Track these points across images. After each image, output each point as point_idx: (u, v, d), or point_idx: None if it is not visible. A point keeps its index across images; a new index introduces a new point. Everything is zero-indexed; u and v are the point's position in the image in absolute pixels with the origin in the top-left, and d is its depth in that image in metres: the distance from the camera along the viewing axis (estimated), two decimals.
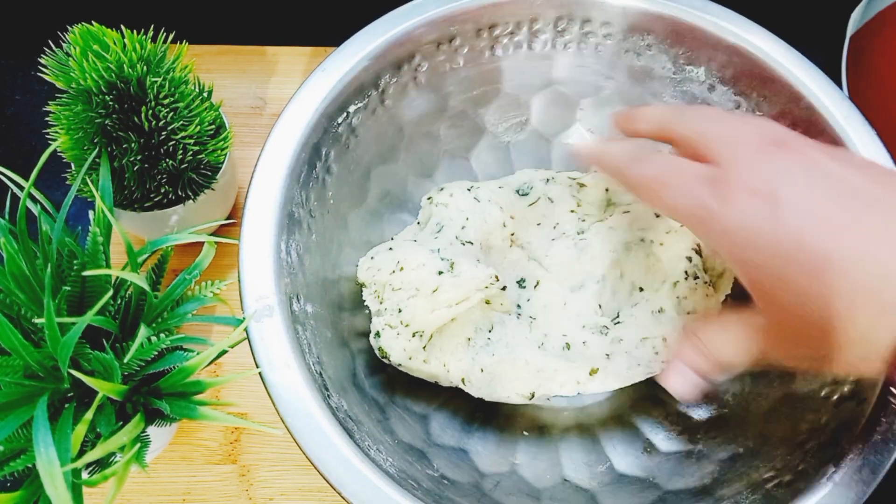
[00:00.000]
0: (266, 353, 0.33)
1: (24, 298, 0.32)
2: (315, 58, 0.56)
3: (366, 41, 0.40)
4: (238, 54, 0.56)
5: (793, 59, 0.41)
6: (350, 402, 0.36)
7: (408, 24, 0.41)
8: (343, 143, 0.41)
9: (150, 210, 0.41)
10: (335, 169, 0.41)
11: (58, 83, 0.37)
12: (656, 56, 0.44)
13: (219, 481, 0.43)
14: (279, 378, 0.33)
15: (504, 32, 0.43)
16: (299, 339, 0.34)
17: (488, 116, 0.47)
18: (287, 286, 0.35)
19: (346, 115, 0.40)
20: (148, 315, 0.34)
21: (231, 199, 0.48)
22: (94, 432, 0.31)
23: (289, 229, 0.37)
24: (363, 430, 0.34)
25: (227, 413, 0.31)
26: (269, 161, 0.37)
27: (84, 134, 0.38)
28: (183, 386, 0.32)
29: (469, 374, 0.38)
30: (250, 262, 0.35)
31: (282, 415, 0.32)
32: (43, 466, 0.27)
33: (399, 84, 0.42)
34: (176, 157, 0.40)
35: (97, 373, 0.31)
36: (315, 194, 0.39)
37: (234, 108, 0.54)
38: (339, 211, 0.42)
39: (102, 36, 0.36)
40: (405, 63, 0.42)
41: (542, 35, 0.44)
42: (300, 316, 0.36)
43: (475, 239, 0.40)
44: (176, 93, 0.39)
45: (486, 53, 0.44)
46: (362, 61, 0.40)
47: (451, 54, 0.43)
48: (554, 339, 0.38)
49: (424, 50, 0.42)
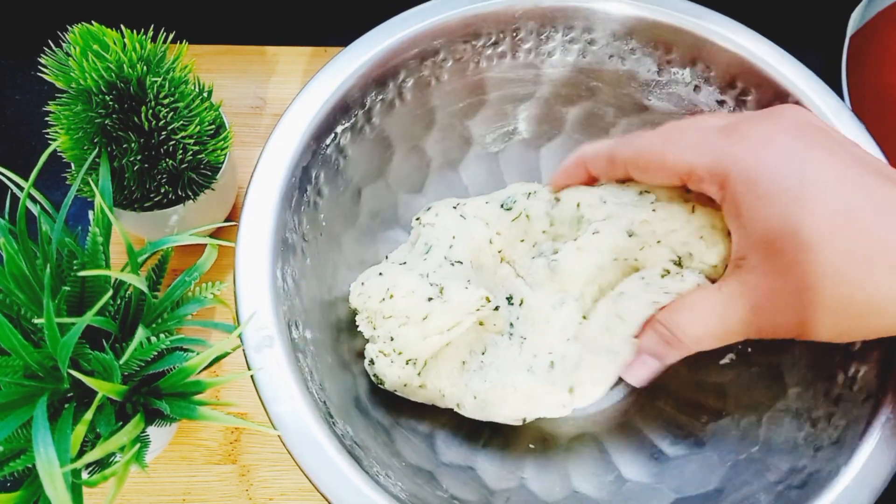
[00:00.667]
0: (270, 386, 0.33)
1: (23, 298, 0.32)
2: (315, 58, 0.56)
3: (350, 60, 0.40)
4: (238, 54, 0.56)
5: (778, 56, 0.40)
6: (356, 427, 0.36)
7: (391, 40, 0.41)
8: (332, 164, 0.41)
9: (150, 210, 0.41)
10: (326, 191, 0.40)
11: (58, 83, 0.37)
12: (641, 59, 0.43)
13: (219, 481, 0.43)
14: (284, 410, 0.32)
15: (487, 43, 0.43)
16: (301, 368, 0.34)
17: (475, 128, 0.47)
18: (285, 314, 0.35)
19: (334, 136, 0.40)
20: (147, 316, 0.34)
21: (231, 200, 0.48)
22: (94, 432, 0.31)
23: (283, 256, 0.36)
24: (371, 456, 0.34)
25: (226, 413, 0.31)
26: (259, 188, 0.37)
27: (84, 134, 0.38)
28: (183, 386, 0.32)
29: (462, 401, 0.38)
30: (247, 292, 0.35)
31: (288, 447, 0.32)
32: (43, 466, 0.27)
33: (385, 101, 0.42)
34: (176, 157, 0.40)
35: (97, 373, 0.31)
36: (307, 218, 0.39)
37: (234, 108, 0.54)
38: (332, 232, 0.41)
39: (102, 36, 0.36)
40: (390, 80, 0.42)
41: (525, 44, 0.43)
42: (300, 343, 0.35)
43: (464, 258, 0.40)
44: (176, 93, 0.39)
45: (471, 65, 0.44)
46: (347, 80, 0.40)
47: (436, 68, 0.43)
48: (541, 358, 0.37)
49: (409, 66, 0.42)
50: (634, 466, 0.40)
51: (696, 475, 0.38)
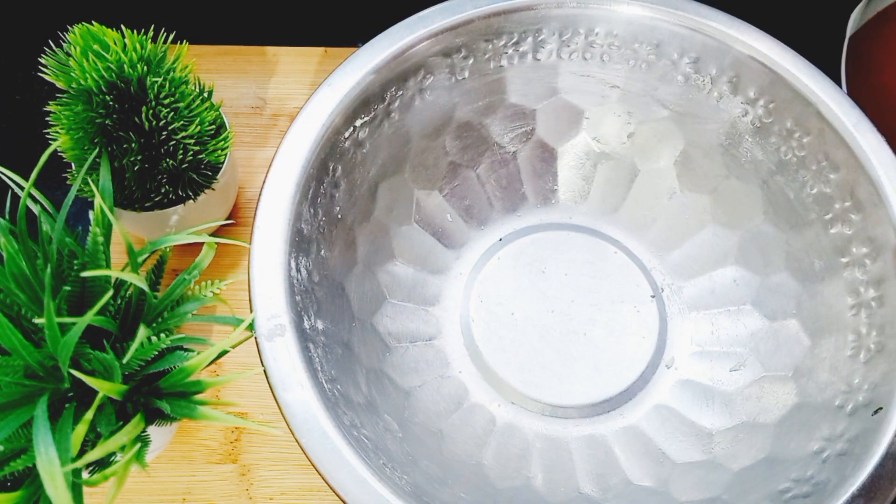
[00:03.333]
0: (279, 373, 0.33)
1: (24, 298, 0.32)
2: (315, 58, 0.56)
3: (372, 54, 0.40)
4: (238, 54, 0.56)
5: (800, 65, 0.40)
6: (364, 420, 0.36)
7: (413, 36, 0.41)
8: (350, 157, 0.41)
9: (150, 210, 0.42)
10: (343, 184, 0.41)
11: (58, 83, 0.37)
12: (662, 64, 0.44)
13: (219, 481, 0.43)
14: (293, 398, 0.33)
15: (509, 42, 0.43)
16: (311, 358, 0.34)
17: (494, 127, 0.47)
18: (298, 304, 0.35)
19: (352, 129, 0.40)
20: (147, 315, 0.34)
21: (231, 199, 0.48)
22: (95, 432, 0.31)
23: (298, 246, 0.37)
24: (378, 449, 0.34)
25: (227, 413, 0.31)
26: (277, 178, 0.37)
27: (84, 134, 0.38)
28: (183, 386, 0.32)
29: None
30: (261, 280, 0.35)
31: (296, 435, 0.32)
32: (43, 466, 0.27)
33: (405, 97, 0.42)
34: (176, 157, 0.40)
35: (97, 373, 0.31)
36: (323, 210, 0.39)
37: (234, 108, 0.54)
38: (347, 225, 0.41)
39: (103, 36, 0.36)
40: (411, 76, 0.42)
41: (546, 45, 0.44)
42: (311, 334, 0.35)
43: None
44: (176, 93, 0.39)
45: (491, 64, 0.44)
46: (368, 75, 0.40)
47: (456, 66, 0.43)
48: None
49: (430, 62, 0.42)
50: (640, 470, 0.40)
51: (702, 481, 0.38)
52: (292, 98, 0.54)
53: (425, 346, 0.44)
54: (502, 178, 0.48)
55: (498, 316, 0.45)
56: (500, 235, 0.48)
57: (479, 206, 0.48)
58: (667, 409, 0.42)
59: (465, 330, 0.45)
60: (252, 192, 0.51)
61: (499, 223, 0.48)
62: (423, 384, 0.42)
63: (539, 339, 0.44)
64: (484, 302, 0.45)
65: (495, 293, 0.46)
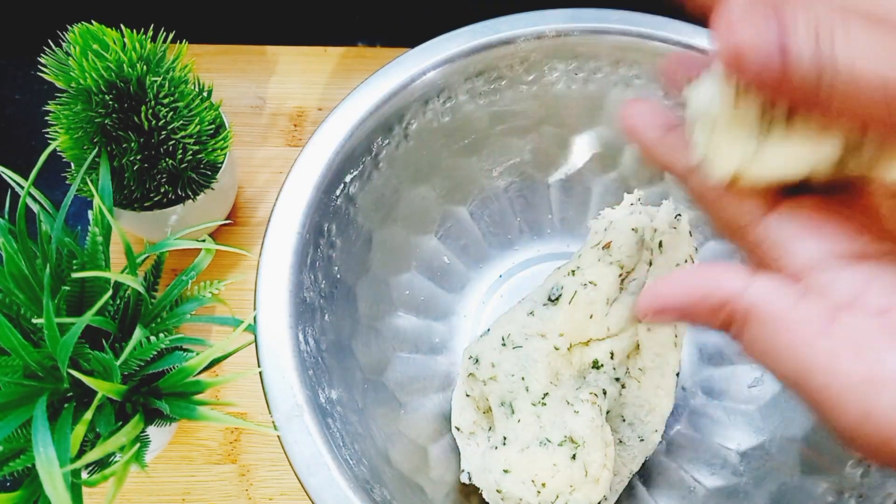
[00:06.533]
0: (302, 458, 0.33)
1: (23, 298, 0.32)
2: (315, 57, 0.56)
3: (355, 107, 0.40)
4: (238, 54, 0.56)
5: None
6: (392, 489, 0.35)
7: (396, 83, 0.40)
8: (343, 214, 0.40)
9: (149, 210, 0.41)
10: (338, 242, 0.40)
11: (57, 83, 0.37)
12: (646, 86, 0.43)
13: (219, 481, 0.43)
14: (320, 482, 0.32)
15: (492, 77, 0.43)
16: (332, 435, 0.34)
17: (481, 163, 0.46)
18: (311, 378, 0.35)
19: (343, 186, 0.40)
20: (146, 316, 0.34)
21: (231, 199, 0.48)
22: (94, 432, 0.31)
23: (303, 317, 0.36)
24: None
25: (226, 413, 0.31)
26: (273, 249, 0.37)
27: (84, 133, 0.38)
28: (182, 386, 0.32)
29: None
30: (272, 360, 0.34)
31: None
32: (42, 466, 0.27)
33: (391, 145, 0.42)
34: (176, 157, 0.40)
35: (96, 373, 0.31)
36: (322, 273, 0.39)
37: (233, 108, 0.54)
38: (346, 283, 0.41)
39: (102, 35, 0.36)
40: (395, 123, 0.41)
41: (530, 74, 0.43)
42: (328, 408, 0.35)
43: (545, 385, 0.36)
44: (176, 92, 0.39)
45: (475, 101, 0.43)
46: (355, 128, 0.39)
47: (440, 107, 0.43)
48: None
49: (413, 108, 0.42)
50: (671, 500, 0.39)
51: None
52: (292, 97, 0.54)
53: (436, 397, 0.43)
54: (495, 214, 0.47)
55: None
56: (499, 272, 0.47)
57: (475, 244, 0.47)
58: (688, 436, 0.42)
59: None
60: (251, 192, 0.51)
61: (497, 260, 0.47)
62: (438, 439, 0.41)
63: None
64: None
65: None
